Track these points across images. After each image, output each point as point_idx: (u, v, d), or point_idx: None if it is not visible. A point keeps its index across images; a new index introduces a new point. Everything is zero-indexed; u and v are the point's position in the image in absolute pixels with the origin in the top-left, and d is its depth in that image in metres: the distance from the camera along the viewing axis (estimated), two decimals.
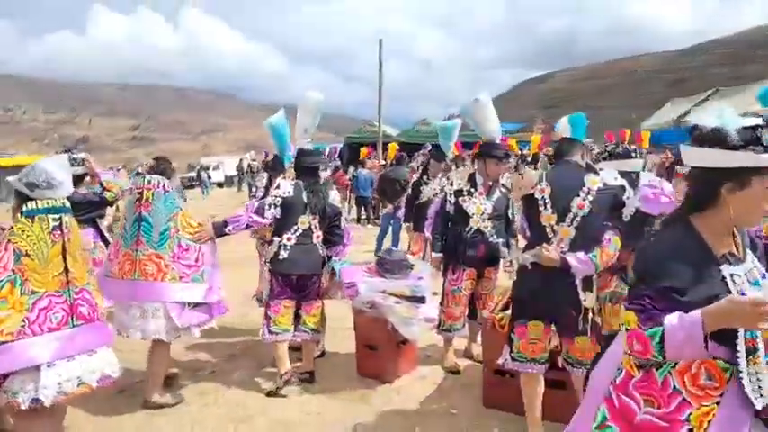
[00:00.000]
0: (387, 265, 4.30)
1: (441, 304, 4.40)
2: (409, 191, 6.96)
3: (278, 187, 4.08)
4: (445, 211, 4.37)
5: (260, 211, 3.97)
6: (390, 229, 8.96)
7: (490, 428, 3.53)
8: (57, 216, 2.94)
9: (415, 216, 6.66)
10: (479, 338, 4.16)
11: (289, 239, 4.04)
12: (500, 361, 3.26)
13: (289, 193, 4.03)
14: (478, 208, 4.23)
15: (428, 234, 4.61)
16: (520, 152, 19.72)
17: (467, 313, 4.45)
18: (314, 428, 3.57)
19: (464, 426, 3.59)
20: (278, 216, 4.01)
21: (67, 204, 3.05)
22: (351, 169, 14.63)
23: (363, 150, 16.91)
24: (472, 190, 4.29)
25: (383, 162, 13.86)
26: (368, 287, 4.08)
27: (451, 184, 4.41)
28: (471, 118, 4.37)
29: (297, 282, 4.08)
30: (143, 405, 3.86)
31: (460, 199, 4.27)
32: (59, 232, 2.93)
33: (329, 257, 4.28)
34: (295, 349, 4.46)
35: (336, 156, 22.27)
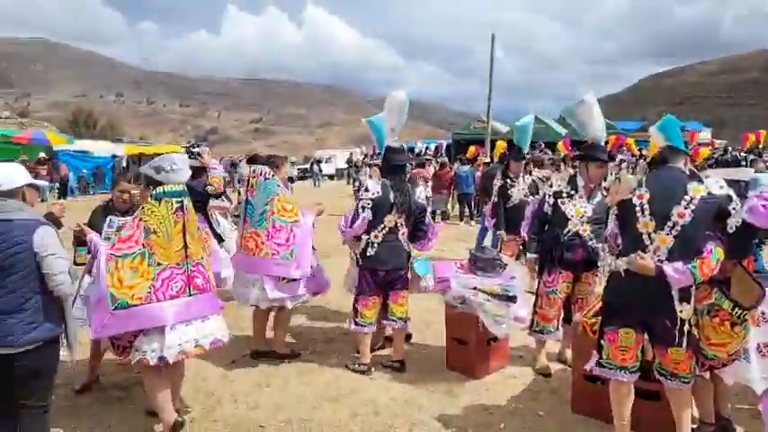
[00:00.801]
0: (479, 263, 4.36)
1: (534, 305, 4.39)
2: (495, 197, 6.69)
3: (366, 190, 4.29)
4: (543, 212, 4.33)
5: (355, 219, 4.23)
6: None
7: None
8: (179, 199, 3.37)
9: (506, 220, 6.50)
10: None
11: (376, 237, 4.25)
12: (588, 366, 3.23)
13: (378, 193, 4.24)
14: (578, 210, 4.16)
15: (524, 234, 4.60)
16: (639, 152, 18.57)
17: (562, 317, 4.39)
18: (400, 414, 3.74)
19: (550, 429, 3.58)
20: (370, 218, 4.22)
21: (186, 190, 3.47)
22: (454, 166, 14.59)
23: (471, 149, 16.82)
24: (572, 192, 4.22)
25: (487, 160, 13.66)
26: (459, 283, 4.18)
27: (551, 186, 4.37)
28: (575, 119, 4.30)
29: (384, 277, 4.30)
30: (270, 354, 4.53)
31: (559, 201, 4.21)
32: (181, 213, 3.36)
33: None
34: (388, 339, 4.71)
35: (443, 152, 22.30)
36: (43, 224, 2.85)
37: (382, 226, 4.26)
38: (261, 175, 4.32)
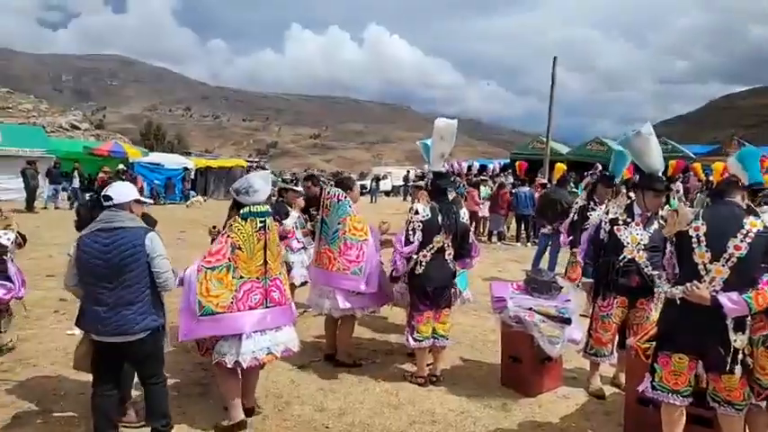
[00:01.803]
0: (535, 285, 4.54)
1: (589, 329, 4.50)
2: (575, 216, 6.73)
3: (416, 212, 4.53)
4: (599, 238, 4.45)
5: (407, 241, 4.49)
6: (548, 250, 8.96)
7: None
8: (262, 219, 3.73)
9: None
10: None
11: (424, 256, 4.51)
12: (640, 388, 3.35)
13: (427, 215, 4.51)
14: (634, 238, 4.26)
15: (580, 259, 4.73)
16: (705, 177, 18.00)
17: (617, 342, 4.49)
18: (456, 424, 3.95)
19: None
20: (420, 240, 4.48)
21: (269, 210, 3.84)
22: (509, 186, 14.54)
23: (518, 164, 16.74)
24: (629, 220, 4.33)
25: (544, 181, 13.62)
26: (515, 303, 4.37)
27: (607, 213, 4.48)
28: (632, 150, 4.42)
29: (432, 293, 4.54)
30: (334, 364, 4.90)
31: (615, 228, 4.33)
32: (263, 232, 3.71)
33: None
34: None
35: (500, 171, 22.24)
36: (151, 231, 3.33)
37: (431, 246, 4.51)
38: (335, 196, 4.73)
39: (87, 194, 17.28)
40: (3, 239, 3.28)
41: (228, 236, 3.66)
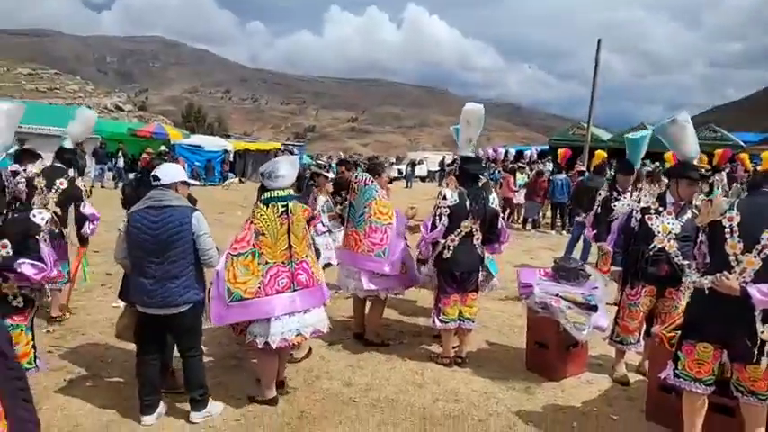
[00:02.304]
0: (563, 272, 4.57)
1: (616, 317, 4.52)
2: (599, 208, 6.62)
3: (444, 198, 4.60)
4: (630, 226, 4.44)
5: (434, 226, 4.60)
6: (582, 239, 8.88)
7: None
8: (284, 203, 3.79)
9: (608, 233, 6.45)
10: None
11: (452, 241, 4.60)
12: (662, 375, 3.38)
13: (454, 201, 4.58)
14: (665, 227, 4.23)
15: (609, 248, 4.73)
16: (753, 167, 17.38)
17: (644, 330, 4.49)
18: (479, 404, 4.06)
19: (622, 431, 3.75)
20: (445, 225, 4.57)
21: (292, 193, 3.91)
22: (546, 173, 14.36)
23: (560, 152, 16.50)
24: (660, 209, 4.30)
25: (583, 168, 13.39)
26: (542, 289, 4.42)
27: (638, 201, 4.46)
28: (667, 138, 4.37)
29: (459, 277, 4.64)
30: (363, 343, 5.10)
31: (646, 216, 4.30)
32: (286, 216, 3.77)
33: None
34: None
35: (536, 157, 21.92)
36: (197, 210, 3.52)
37: (459, 231, 4.60)
38: (362, 181, 4.89)
39: (131, 174, 17.91)
40: (37, 219, 3.46)
41: (252, 222, 3.73)
